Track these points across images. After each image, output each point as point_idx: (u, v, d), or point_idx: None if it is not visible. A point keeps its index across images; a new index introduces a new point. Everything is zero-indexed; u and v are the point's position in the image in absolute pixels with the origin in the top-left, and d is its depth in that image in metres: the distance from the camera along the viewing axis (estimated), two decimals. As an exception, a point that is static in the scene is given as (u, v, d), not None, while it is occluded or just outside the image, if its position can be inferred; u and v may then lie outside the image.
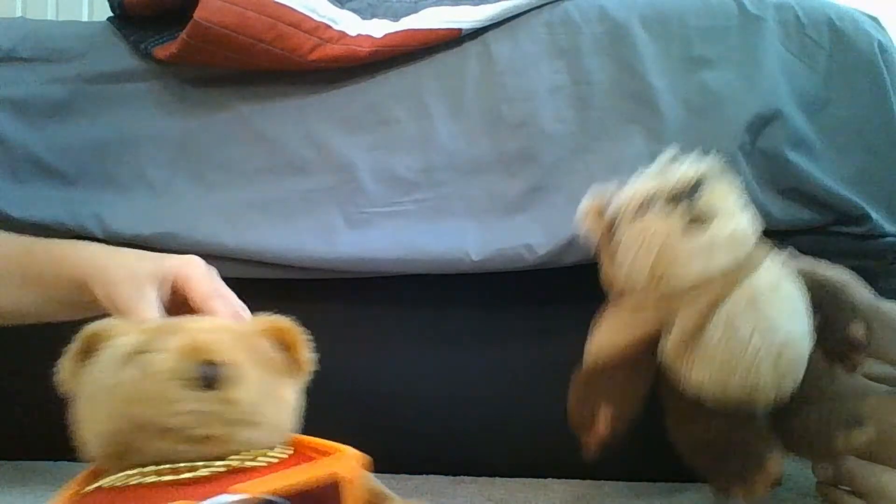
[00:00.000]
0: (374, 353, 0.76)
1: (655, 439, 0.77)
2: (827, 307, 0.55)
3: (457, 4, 0.80)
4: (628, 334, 0.57)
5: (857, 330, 0.54)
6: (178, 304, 0.51)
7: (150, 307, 0.49)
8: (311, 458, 0.42)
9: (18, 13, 1.66)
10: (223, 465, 0.37)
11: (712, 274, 0.52)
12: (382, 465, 0.48)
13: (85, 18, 1.69)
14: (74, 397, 0.40)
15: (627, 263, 0.54)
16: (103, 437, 0.38)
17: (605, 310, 0.60)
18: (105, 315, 0.47)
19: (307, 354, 0.44)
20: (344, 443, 0.43)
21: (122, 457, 0.37)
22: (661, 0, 0.77)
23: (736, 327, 0.51)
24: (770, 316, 0.52)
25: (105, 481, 0.37)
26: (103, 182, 0.78)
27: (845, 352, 0.55)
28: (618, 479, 0.75)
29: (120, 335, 0.40)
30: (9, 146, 0.78)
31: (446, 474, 0.77)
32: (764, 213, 0.69)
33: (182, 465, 0.36)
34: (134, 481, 0.36)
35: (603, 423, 0.55)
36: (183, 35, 0.74)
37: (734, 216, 0.53)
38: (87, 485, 0.38)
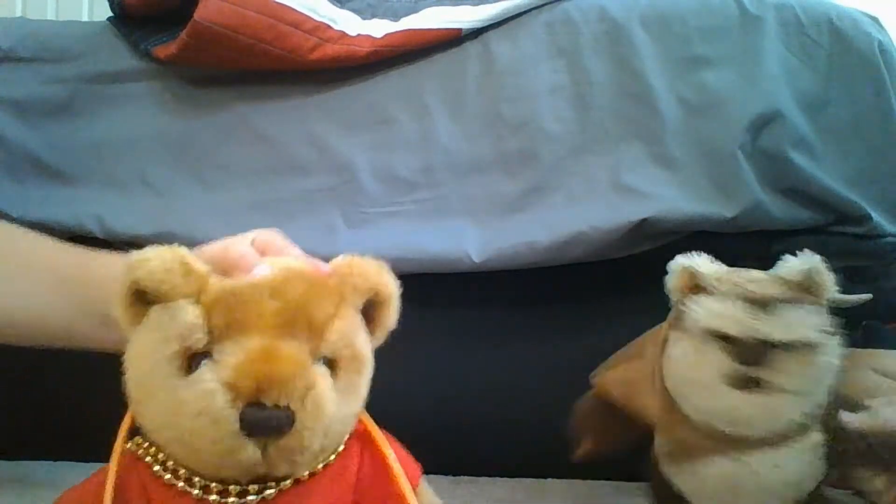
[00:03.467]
0: (373, 353, 0.76)
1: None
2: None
3: (457, 4, 0.80)
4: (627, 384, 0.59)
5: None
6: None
7: None
8: (360, 454, 0.39)
9: (18, 13, 1.66)
10: (275, 490, 0.34)
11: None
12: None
13: (85, 18, 1.69)
14: (127, 356, 0.36)
15: (693, 314, 0.52)
16: (157, 433, 0.34)
17: (620, 356, 0.63)
18: None
19: (395, 312, 0.39)
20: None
21: (169, 453, 0.35)
22: (661, 0, 0.77)
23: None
24: None
25: (150, 456, 0.35)
26: (103, 182, 0.78)
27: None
28: (618, 479, 0.75)
29: (178, 304, 0.34)
30: (9, 146, 0.78)
31: (446, 474, 0.77)
32: (764, 213, 0.69)
33: (232, 488, 0.34)
34: (179, 484, 0.34)
35: (582, 450, 0.61)
36: (183, 35, 0.74)
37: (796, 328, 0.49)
38: (127, 432, 0.36)
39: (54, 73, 0.80)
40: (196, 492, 0.34)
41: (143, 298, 0.35)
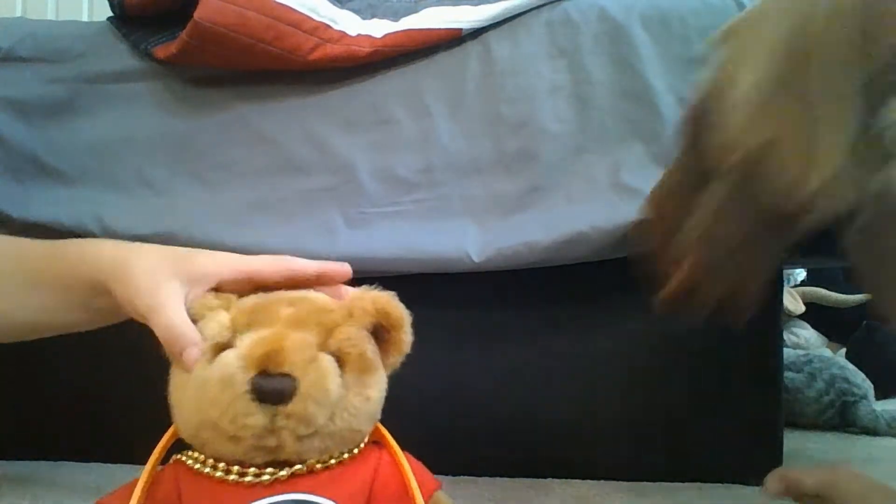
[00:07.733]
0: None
1: (655, 439, 0.77)
2: None
3: (457, 4, 0.80)
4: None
5: None
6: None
7: (175, 311, 0.43)
8: (378, 459, 0.42)
9: (18, 13, 1.67)
10: (288, 473, 0.37)
11: None
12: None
13: (85, 18, 1.69)
14: (172, 372, 0.41)
15: None
16: (188, 425, 0.39)
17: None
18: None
19: (408, 336, 0.44)
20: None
21: (202, 447, 0.39)
22: (661, 0, 0.77)
23: None
24: None
25: (186, 456, 0.39)
26: (103, 182, 0.78)
27: None
28: (618, 479, 0.75)
29: (213, 313, 0.40)
30: (9, 146, 0.78)
31: (446, 474, 0.77)
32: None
33: (251, 469, 0.37)
34: (206, 470, 0.38)
35: (681, 275, 0.34)
36: (183, 35, 0.74)
37: None
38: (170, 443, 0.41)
39: (54, 73, 0.80)
40: (218, 474, 0.37)
41: None
